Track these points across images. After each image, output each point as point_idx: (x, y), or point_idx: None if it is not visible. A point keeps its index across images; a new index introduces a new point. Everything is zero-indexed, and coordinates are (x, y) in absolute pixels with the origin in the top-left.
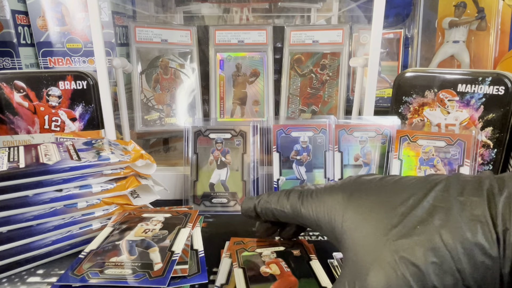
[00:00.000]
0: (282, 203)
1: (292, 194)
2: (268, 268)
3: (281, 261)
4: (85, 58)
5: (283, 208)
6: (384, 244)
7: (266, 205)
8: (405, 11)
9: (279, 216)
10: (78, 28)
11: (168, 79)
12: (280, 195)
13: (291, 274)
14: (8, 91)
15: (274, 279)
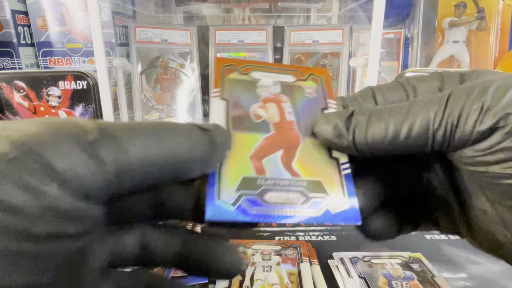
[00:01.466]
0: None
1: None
2: (263, 109)
3: (285, 101)
4: (85, 58)
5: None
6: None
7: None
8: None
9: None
10: (78, 28)
11: (168, 79)
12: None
13: (293, 126)
14: (8, 91)
15: (267, 129)
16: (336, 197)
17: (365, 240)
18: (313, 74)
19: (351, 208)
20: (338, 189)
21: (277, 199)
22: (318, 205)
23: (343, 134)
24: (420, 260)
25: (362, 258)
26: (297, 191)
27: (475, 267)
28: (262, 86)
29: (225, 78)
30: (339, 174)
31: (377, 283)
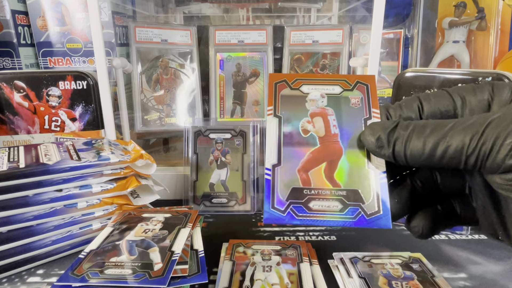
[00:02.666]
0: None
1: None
2: (310, 123)
3: (331, 113)
4: (85, 58)
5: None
6: None
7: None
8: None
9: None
10: (78, 28)
11: (168, 79)
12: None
13: (337, 139)
14: (8, 91)
15: (314, 143)
16: (371, 204)
17: (365, 240)
18: (360, 82)
19: (384, 214)
20: (373, 197)
21: (319, 206)
22: (354, 212)
23: (384, 146)
24: (420, 260)
25: (362, 258)
26: (336, 199)
27: (475, 267)
28: (310, 100)
29: (278, 95)
30: (375, 183)
31: (377, 283)
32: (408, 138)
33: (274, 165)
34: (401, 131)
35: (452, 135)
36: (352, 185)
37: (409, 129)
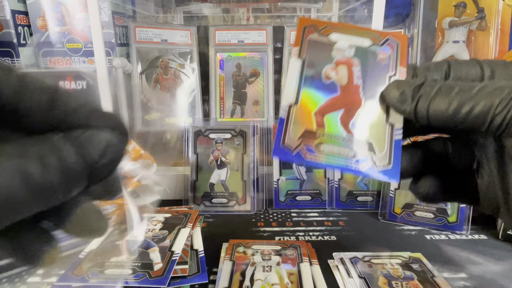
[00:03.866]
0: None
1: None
2: (334, 70)
3: (356, 65)
4: (85, 58)
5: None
6: None
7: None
8: (405, 11)
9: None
10: (78, 28)
11: (168, 79)
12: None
13: (359, 90)
14: None
15: (334, 90)
16: (383, 157)
17: (365, 240)
18: (391, 39)
19: (393, 168)
20: (386, 150)
21: (330, 151)
22: (364, 161)
23: (407, 101)
24: (420, 260)
25: (362, 258)
26: (348, 147)
27: (475, 267)
28: (337, 49)
29: (305, 39)
30: (390, 138)
31: (377, 283)
32: (434, 96)
33: (290, 105)
34: (428, 88)
35: (481, 96)
36: (366, 135)
37: (436, 87)
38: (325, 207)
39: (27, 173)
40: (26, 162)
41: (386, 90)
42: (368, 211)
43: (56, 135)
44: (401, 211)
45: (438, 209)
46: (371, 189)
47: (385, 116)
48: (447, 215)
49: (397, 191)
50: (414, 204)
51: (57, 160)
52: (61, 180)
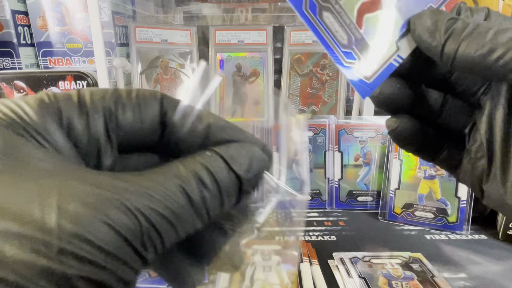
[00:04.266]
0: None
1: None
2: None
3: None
4: (85, 58)
5: None
6: None
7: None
8: None
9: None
10: (78, 28)
11: (168, 79)
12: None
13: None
14: (8, 91)
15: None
16: (369, 68)
17: (365, 240)
18: None
19: (370, 85)
20: (376, 65)
21: (329, 22)
22: (351, 58)
23: (437, 33)
24: (420, 260)
25: (362, 258)
26: (348, 33)
27: (475, 267)
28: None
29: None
30: (388, 58)
31: (377, 283)
32: (468, 34)
33: None
34: (462, 24)
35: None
36: (369, 37)
37: (472, 26)
38: (325, 207)
39: (187, 191)
40: (185, 180)
41: (419, 16)
42: (368, 211)
43: (208, 152)
44: (401, 211)
45: (438, 209)
46: (371, 189)
47: (398, 36)
48: (447, 215)
49: (397, 191)
50: (414, 204)
51: (212, 176)
52: (216, 195)
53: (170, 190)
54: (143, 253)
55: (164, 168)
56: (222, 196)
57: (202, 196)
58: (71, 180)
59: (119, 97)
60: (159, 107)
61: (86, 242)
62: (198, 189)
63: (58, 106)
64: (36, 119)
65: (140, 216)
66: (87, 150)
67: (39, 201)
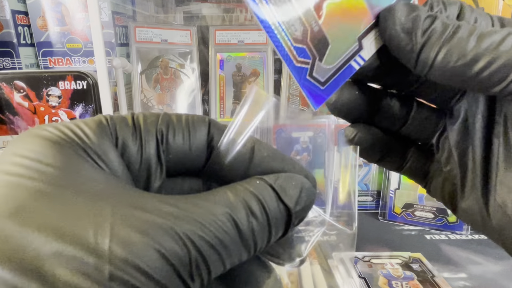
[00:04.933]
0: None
1: None
2: None
3: None
4: (85, 58)
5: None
6: None
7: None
8: None
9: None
10: (78, 28)
11: (168, 79)
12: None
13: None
14: (8, 91)
15: None
16: (324, 70)
17: (365, 240)
18: None
19: (324, 91)
20: (333, 67)
21: (280, 8)
22: (304, 56)
23: (413, 35)
24: (420, 260)
25: (362, 258)
26: (303, 25)
27: (475, 267)
28: None
29: None
30: (347, 58)
31: (377, 283)
32: (450, 36)
33: None
34: (442, 24)
35: (507, 45)
36: (329, 31)
37: (453, 25)
38: (325, 207)
39: (236, 220)
40: (234, 208)
41: (391, 10)
42: (368, 211)
43: (257, 180)
44: (401, 211)
45: (438, 209)
46: (371, 189)
47: (363, 31)
48: (447, 215)
49: (397, 191)
50: (414, 204)
51: (262, 205)
52: (265, 227)
53: (219, 218)
54: (190, 284)
55: (212, 194)
56: (271, 227)
57: (251, 227)
58: (125, 204)
59: (170, 121)
60: (206, 132)
61: (136, 269)
62: (247, 218)
63: (115, 128)
64: (95, 140)
65: (189, 244)
66: (139, 172)
67: (94, 225)
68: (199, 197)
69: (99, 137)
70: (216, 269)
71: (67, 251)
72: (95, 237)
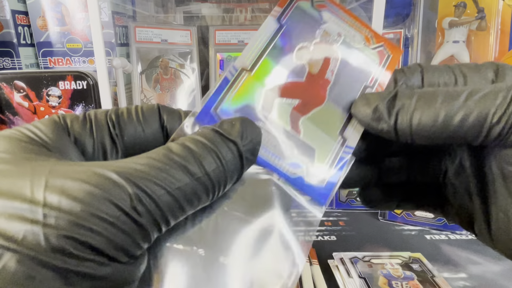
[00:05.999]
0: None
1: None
2: (308, 53)
3: (336, 58)
4: (85, 58)
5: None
6: None
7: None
8: (405, 11)
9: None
10: (78, 28)
11: (168, 79)
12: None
13: (326, 87)
14: (8, 91)
15: (300, 75)
16: (319, 171)
17: (365, 240)
18: (385, 47)
19: (325, 189)
20: (326, 165)
21: (265, 141)
22: (297, 167)
23: (383, 118)
24: (420, 260)
25: (362, 258)
26: (287, 144)
27: (475, 267)
28: (324, 30)
29: (293, 3)
30: (336, 153)
31: (377, 283)
32: (416, 107)
33: (244, 68)
34: (405, 100)
35: (474, 101)
36: (312, 140)
37: (415, 97)
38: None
39: (176, 159)
40: (174, 152)
41: (356, 107)
42: (368, 211)
43: (199, 129)
44: (401, 211)
45: None
46: None
47: (341, 127)
48: None
49: None
50: None
51: (204, 145)
52: (215, 163)
53: (158, 159)
54: (135, 216)
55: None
56: (223, 164)
57: (198, 164)
58: (62, 165)
59: (120, 110)
60: (157, 114)
61: (70, 206)
62: (193, 158)
63: (65, 122)
64: (48, 133)
65: (125, 182)
66: (93, 155)
67: (30, 182)
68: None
69: (52, 130)
70: (169, 206)
71: (3, 204)
72: (31, 190)
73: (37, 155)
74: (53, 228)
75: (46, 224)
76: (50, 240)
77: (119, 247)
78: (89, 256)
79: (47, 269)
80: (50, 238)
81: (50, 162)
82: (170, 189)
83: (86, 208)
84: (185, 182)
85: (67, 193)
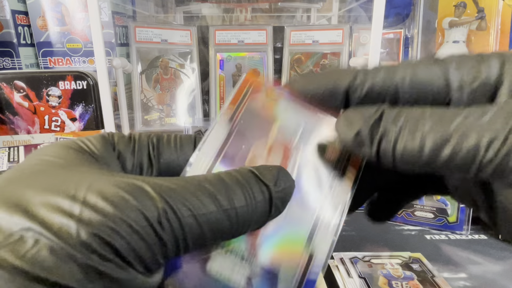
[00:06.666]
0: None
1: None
2: (262, 158)
3: (295, 156)
4: (85, 58)
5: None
6: None
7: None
8: (405, 11)
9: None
10: (78, 28)
11: (168, 79)
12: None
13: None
14: (8, 91)
15: None
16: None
17: (365, 240)
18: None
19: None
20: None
21: (219, 269)
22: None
23: (366, 143)
24: (420, 260)
25: (362, 258)
26: (245, 271)
27: (475, 267)
28: (281, 126)
29: (248, 98)
30: (303, 273)
31: (377, 283)
32: (400, 135)
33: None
34: (389, 124)
35: (465, 131)
36: (273, 261)
37: (400, 122)
38: None
39: (210, 189)
40: (210, 183)
41: (338, 127)
42: None
43: (237, 168)
44: (401, 211)
45: (438, 209)
46: None
47: (305, 243)
48: (447, 215)
49: None
50: (414, 204)
51: (239, 183)
52: (245, 201)
53: (193, 185)
54: (157, 227)
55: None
56: (253, 204)
57: (228, 198)
58: (104, 174)
59: (160, 135)
60: (193, 143)
61: (104, 207)
62: (226, 193)
63: (112, 138)
64: (98, 146)
65: (157, 196)
66: (132, 171)
67: (75, 184)
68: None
69: (101, 144)
70: (191, 228)
71: (49, 198)
72: (75, 189)
73: (86, 163)
74: (85, 224)
75: (80, 219)
76: (81, 234)
77: (138, 255)
78: (110, 257)
79: (73, 262)
80: (81, 232)
81: (96, 170)
82: (196, 213)
83: (117, 212)
84: (211, 210)
85: (104, 195)
